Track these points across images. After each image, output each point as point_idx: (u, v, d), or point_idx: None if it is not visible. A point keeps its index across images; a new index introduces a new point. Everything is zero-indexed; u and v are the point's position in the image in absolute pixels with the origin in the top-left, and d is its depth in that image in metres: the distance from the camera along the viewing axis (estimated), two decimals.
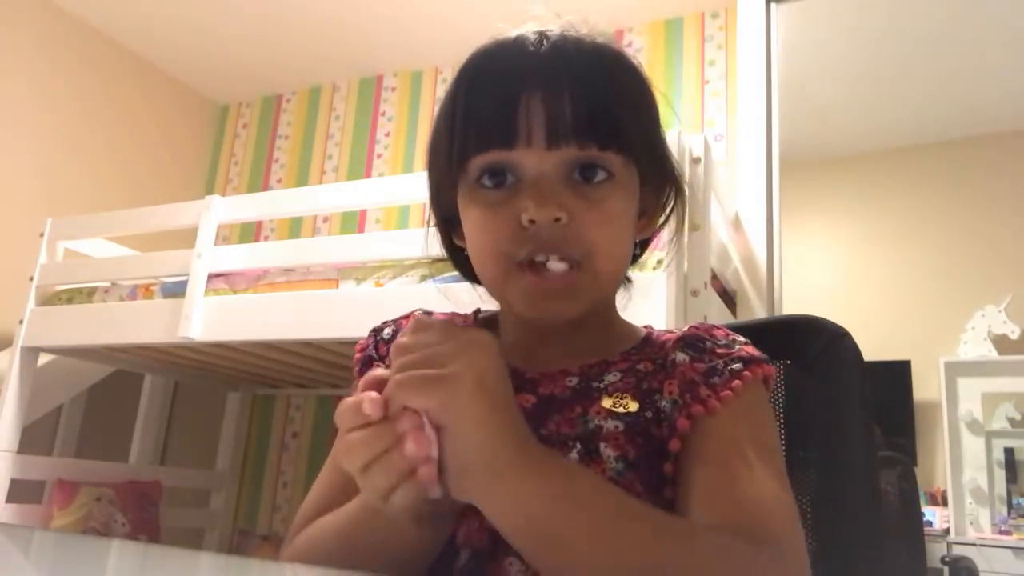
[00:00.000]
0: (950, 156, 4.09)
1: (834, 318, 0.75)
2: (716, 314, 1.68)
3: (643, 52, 2.81)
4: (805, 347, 0.73)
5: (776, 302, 2.27)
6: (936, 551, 3.16)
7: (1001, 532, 3.42)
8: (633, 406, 0.61)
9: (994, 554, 3.31)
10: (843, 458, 0.67)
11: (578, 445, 0.59)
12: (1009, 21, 3.11)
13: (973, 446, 3.65)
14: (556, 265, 0.60)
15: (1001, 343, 3.70)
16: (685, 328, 0.67)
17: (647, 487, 0.58)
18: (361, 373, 0.70)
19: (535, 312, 0.62)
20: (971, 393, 3.69)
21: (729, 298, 2.17)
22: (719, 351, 0.63)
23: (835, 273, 4.21)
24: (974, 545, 3.33)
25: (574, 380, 0.64)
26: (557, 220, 0.59)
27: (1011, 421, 3.66)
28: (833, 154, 4.27)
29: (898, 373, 3.80)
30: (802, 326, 0.76)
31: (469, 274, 0.71)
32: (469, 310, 0.77)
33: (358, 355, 0.73)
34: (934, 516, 3.55)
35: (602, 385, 0.63)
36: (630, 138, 0.62)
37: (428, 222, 0.73)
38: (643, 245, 0.71)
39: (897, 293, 4.01)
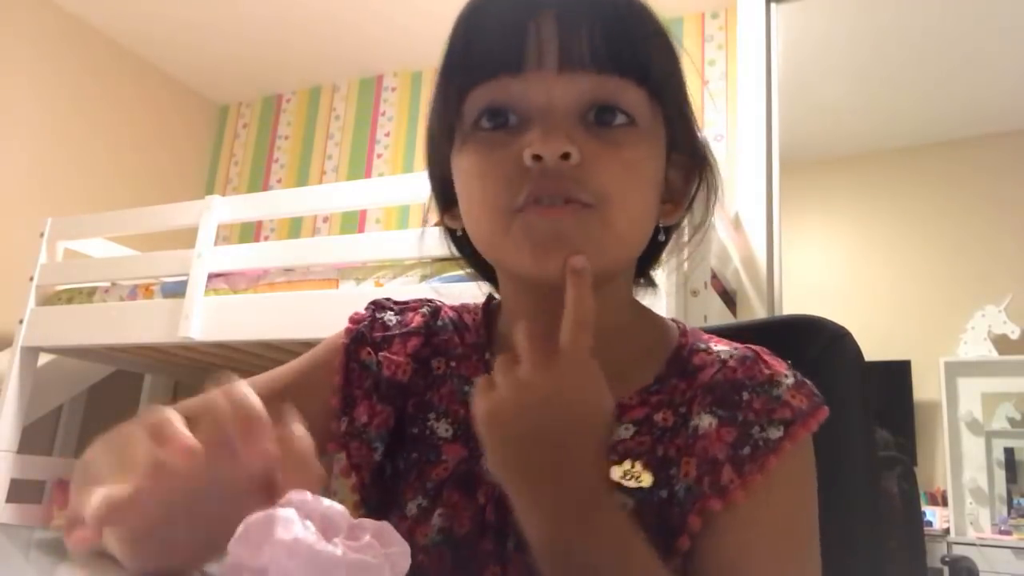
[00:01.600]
0: (950, 156, 4.09)
1: (834, 318, 0.75)
2: (716, 314, 1.68)
3: None
4: (806, 347, 0.73)
5: (776, 302, 2.27)
6: (936, 551, 3.16)
7: (1001, 532, 3.42)
8: (647, 479, 0.52)
9: (994, 554, 3.31)
10: (844, 458, 0.67)
11: None
12: (1009, 21, 3.11)
13: (973, 446, 3.65)
14: (558, 200, 0.50)
15: (1001, 343, 3.70)
16: (727, 355, 0.55)
17: None
18: (348, 351, 0.61)
19: (541, 266, 0.51)
20: (971, 393, 3.69)
21: (729, 298, 2.17)
22: (756, 406, 0.51)
23: (835, 273, 4.21)
24: (974, 545, 3.33)
25: None
26: (566, 157, 0.49)
27: (1011, 421, 3.66)
28: (833, 154, 4.27)
29: (898, 373, 3.79)
30: (803, 326, 0.76)
31: (470, 260, 0.64)
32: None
33: (351, 327, 0.63)
34: (934, 516, 3.55)
35: (612, 441, 0.53)
36: (656, 73, 0.53)
37: (426, 216, 0.65)
38: (667, 234, 0.60)
39: (897, 293, 4.01)
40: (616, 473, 0.52)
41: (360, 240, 2.04)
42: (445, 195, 0.59)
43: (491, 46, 0.52)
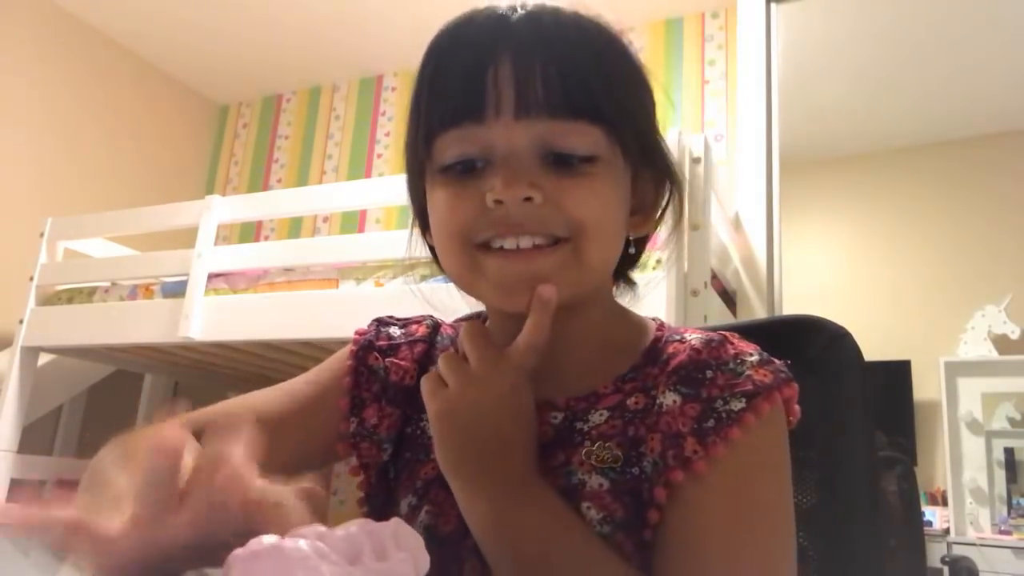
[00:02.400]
0: (950, 156, 4.09)
1: (834, 318, 0.75)
2: (716, 314, 1.68)
3: (643, 52, 2.80)
4: (806, 347, 0.73)
5: (776, 302, 2.27)
6: (936, 551, 3.16)
7: (1001, 532, 3.42)
8: (616, 455, 0.54)
9: (994, 554, 3.31)
10: (844, 458, 0.67)
11: None
12: (1009, 22, 3.11)
13: (973, 446, 3.65)
14: (524, 241, 0.53)
15: (1001, 343, 3.70)
16: (696, 340, 0.57)
17: (638, 548, 0.52)
18: (356, 356, 0.65)
19: (509, 303, 0.54)
20: (971, 393, 3.69)
21: (729, 298, 2.17)
22: (720, 382, 0.53)
23: (835, 273, 4.21)
24: (974, 545, 3.33)
25: (558, 417, 0.57)
26: (528, 200, 0.52)
27: (1011, 421, 3.66)
28: (833, 154, 4.27)
29: (898, 373, 3.79)
30: (802, 326, 0.76)
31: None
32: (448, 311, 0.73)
33: (357, 338, 0.67)
34: (934, 516, 3.55)
35: (586, 427, 0.56)
36: (609, 110, 0.54)
37: (411, 224, 0.67)
38: (639, 245, 0.62)
39: (897, 293, 4.01)
40: (586, 452, 0.54)
41: (360, 240, 2.04)
42: (423, 217, 0.62)
43: (454, 95, 0.55)
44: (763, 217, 2.30)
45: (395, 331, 0.68)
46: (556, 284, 0.53)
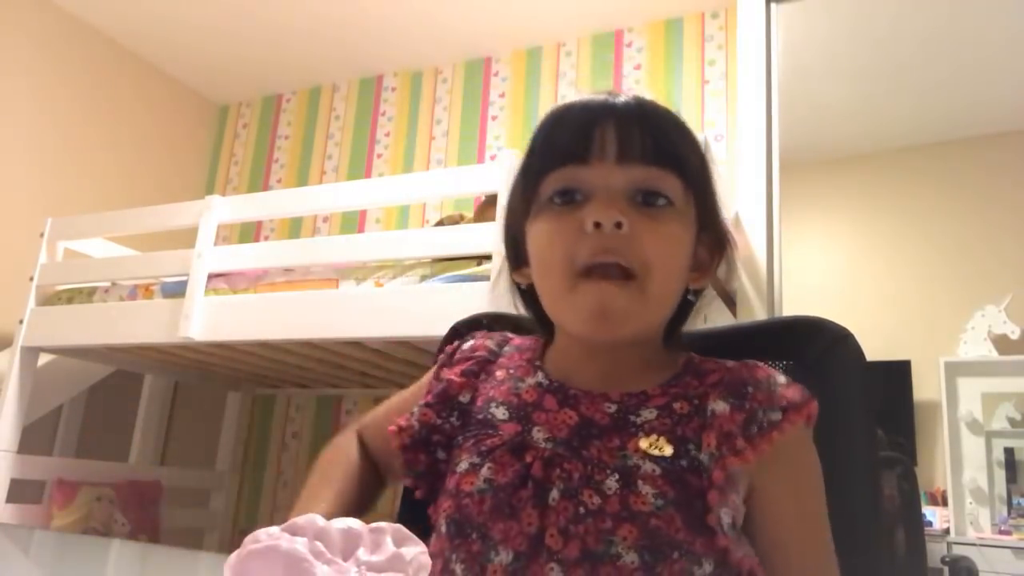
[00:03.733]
0: (950, 156, 4.09)
1: (834, 318, 0.75)
2: (716, 314, 1.69)
3: (643, 52, 2.81)
4: (807, 348, 0.73)
5: (776, 302, 2.27)
6: (936, 551, 3.16)
7: (1001, 532, 3.42)
8: (668, 450, 0.64)
9: (994, 554, 3.31)
10: (845, 459, 0.67)
11: (616, 475, 0.63)
12: (1009, 21, 3.11)
13: (973, 446, 3.64)
14: (610, 259, 0.65)
15: (1001, 343, 3.70)
16: (729, 363, 0.69)
17: (687, 527, 0.61)
18: (438, 370, 0.79)
19: (590, 328, 0.66)
20: (971, 393, 3.69)
21: (729, 298, 2.17)
22: (759, 397, 0.65)
23: (835, 273, 4.20)
24: (974, 545, 3.33)
25: (612, 408, 0.67)
26: (619, 226, 0.64)
27: (1011, 421, 3.66)
28: (833, 154, 4.27)
29: (898, 373, 3.79)
30: (804, 327, 0.76)
31: (529, 309, 0.78)
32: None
33: (442, 355, 0.82)
34: (934, 516, 3.55)
35: (638, 421, 0.66)
36: (690, 168, 0.69)
37: (499, 272, 0.80)
38: (696, 296, 0.75)
39: (897, 293, 4.01)
40: (643, 444, 0.64)
41: (360, 240, 2.03)
42: (516, 255, 0.76)
43: (566, 142, 0.69)
44: (763, 217, 2.30)
45: (467, 344, 0.81)
46: (627, 319, 0.65)
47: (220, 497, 2.87)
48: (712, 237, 0.73)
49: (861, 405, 0.71)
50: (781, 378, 0.67)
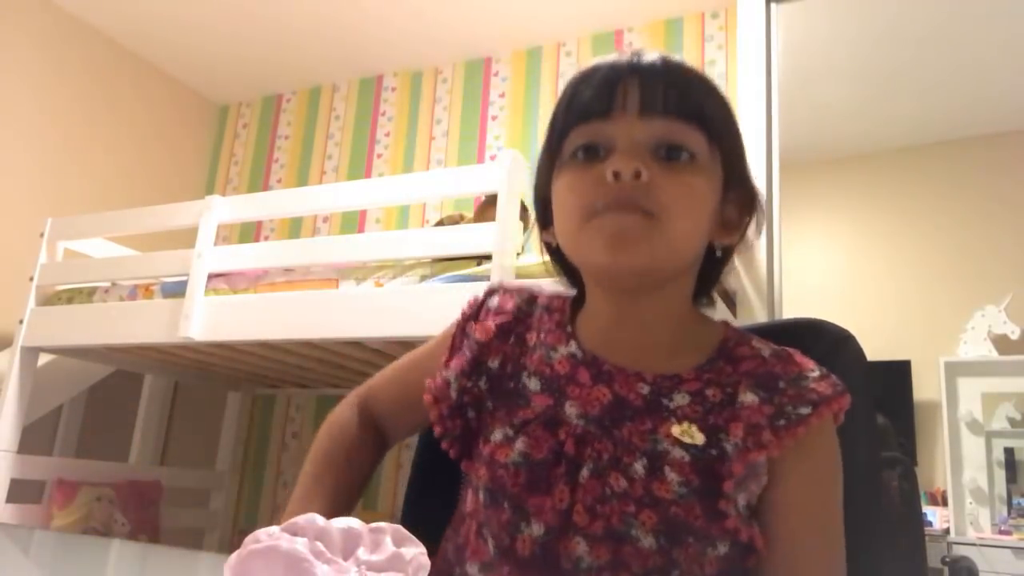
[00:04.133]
0: (950, 156, 4.09)
1: (834, 318, 0.75)
2: (716, 314, 1.68)
3: None
4: (809, 350, 0.73)
5: (776, 302, 2.27)
6: (936, 551, 3.16)
7: (1001, 532, 3.42)
8: (700, 438, 0.65)
9: (994, 554, 3.31)
10: (848, 460, 0.67)
11: (644, 460, 0.64)
12: (1009, 21, 3.11)
13: (973, 446, 3.65)
14: (626, 217, 0.64)
15: (1001, 343, 3.70)
16: (765, 351, 0.69)
17: (706, 515, 0.62)
18: (460, 326, 0.80)
19: (610, 252, 0.65)
20: (971, 393, 3.69)
21: (729, 298, 2.17)
22: (790, 392, 0.65)
23: (835, 273, 4.21)
24: (974, 545, 3.33)
25: (646, 389, 0.68)
26: (638, 176, 0.64)
27: (1011, 421, 3.66)
28: (833, 154, 4.27)
29: (898, 373, 3.79)
30: (806, 329, 0.76)
31: (560, 267, 0.78)
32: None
33: (466, 309, 0.81)
34: (934, 516, 3.55)
35: (671, 406, 0.66)
36: (714, 123, 0.68)
37: (528, 231, 0.84)
38: (725, 254, 0.75)
39: (897, 293, 4.01)
40: (675, 430, 0.65)
41: (360, 240, 2.03)
42: (544, 215, 0.75)
43: (588, 99, 0.69)
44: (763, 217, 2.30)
45: (494, 301, 0.80)
46: (642, 249, 0.64)
47: (220, 497, 2.87)
48: (741, 195, 0.73)
49: (863, 406, 0.70)
50: (815, 371, 0.67)
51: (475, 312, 0.80)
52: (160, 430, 2.98)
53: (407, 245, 1.81)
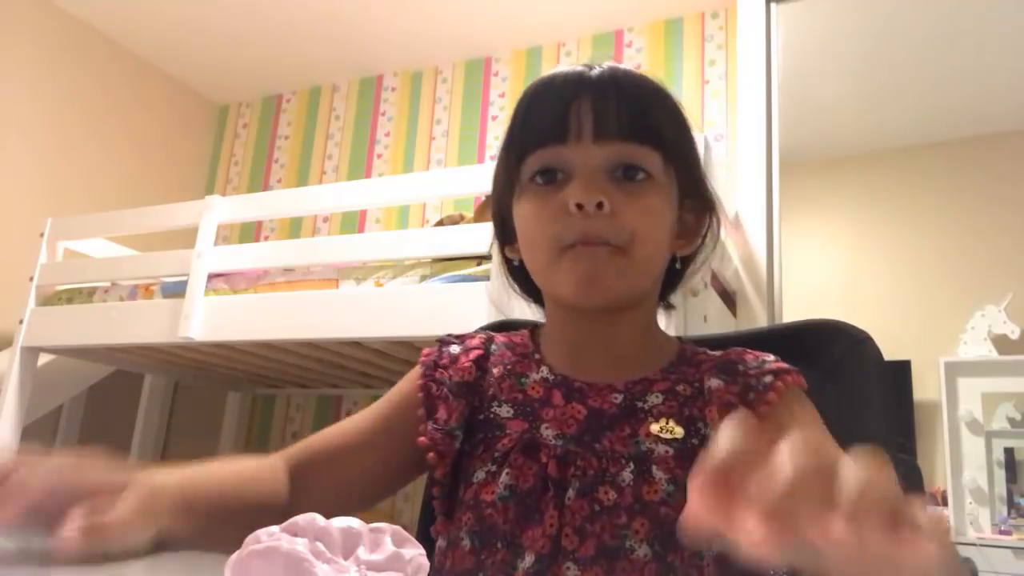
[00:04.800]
0: (950, 156, 4.09)
1: (833, 318, 0.75)
2: (716, 314, 1.68)
3: (643, 52, 2.81)
4: (825, 352, 0.73)
5: (776, 302, 2.27)
6: None
7: (1001, 532, 3.42)
8: (679, 431, 0.66)
9: (994, 554, 3.31)
10: None
11: (631, 464, 0.64)
12: (1009, 21, 3.11)
13: (973, 446, 3.64)
14: (601, 248, 0.65)
15: (1001, 343, 3.70)
16: (718, 352, 0.72)
17: None
18: (426, 376, 0.74)
19: (583, 290, 0.66)
20: (971, 393, 3.69)
21: (729, 298, 2.17)
22: (750, 372, 0.67)
23: (835, 273, 4.20)
24: (974, 545, 3.33)
25: (619, 397, 0.68)
26: (600, 206, 0.64)
27: (1011, 421, 3.65)
28: (833, 154, 4.27)
29: (898, 373, 3.79)
30: (824, 330, 0.76)
31: (521, 284, 0.78)
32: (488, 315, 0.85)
33: (424, 359, 0.77)
34: None
35: (646, 407, 0.67)
36: (668, 141, 0.69)
37: (490, 248, 0.80)
38: (684, 264, 0.75)
39: (897, 293, 4.01)
40: (654, 428, 0.66)
41: (360, 240, 2.03)
42: (504, 232, 0.76)
43: (543, 123, 0.69)
44: (763, 217, 2.30)
45: (455, 348, 0.78)
46: (616, 284, 0.66)
47: None
48: (698, 202, 0.74)
49: (881, 407, 0.70)
50: (769, 356, 0.70)
51: (437, 360, 0.76)
52: (160, 430, 2.98)
53: (407, 245, 1.81)
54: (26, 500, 0.47)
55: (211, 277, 2.01)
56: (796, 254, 3.50)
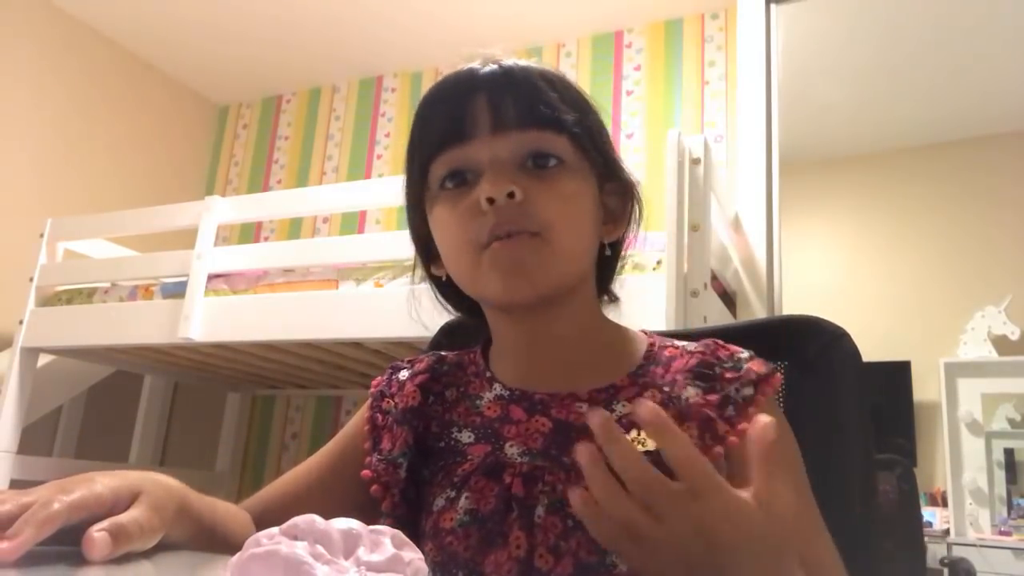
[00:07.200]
0: (950, 156, 4.09)
1: (834, 318, 0.75)
2: (716, 315, 1.68)
3: (643, 53, 2.81)
4: (804, 347, 0.73)
5: (776, 303, 2.27)
6: (936, 552, 3.16)
7: (1001, 533, 3.42)
8: (651, 443, 0.60)
9: (994, 555, 3.31)
10: (839, 458, 0.67)
11: None
12: (1009, 22, 3.11)
13: (973, 447, 3.64)
14: (520, 238, 0.63)
15: (1001, 344, 3.70)
16: (690, 346, 0.68)
17: None
18: (373, 407, 0.74)
19: (510, 284, 0.63)
20: (971, 394, 3.69)
21: (729, 299, 2.17)
22: (728, 376, 0.64)
23: (835, 273, 4.21)
24: (974, 546, 3.33)
25: (584, 407, 0.65)
26: (511, 196, 0.62)
27: (1011, 422, 3.66)
28: (833, 154, 4.27)
29: (898, 373, 3.79)
30: (801, 326, 0.76)
31: (456, 302, 0.75)
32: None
33: (373, 389, 0.76)
34: (934, 517, 3.55)
35: (614, 417, 0.62)
36: (570, 124, 0.66)
37: (412, 273, 0.79)
38: (614, 250, 0.72)
39: (897, 293, 4.01)
40: (635, 442, 0.61)
41: (360, 241, 2.04)
42: (427, 251, 0.74)
43: (440, 125, 0.67)
44: (763, 217, 2.30)
45: (403, 374, 0.76)
46: (538, 272, 0.63)
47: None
48: (618, 186, 0.71)
49: (856, 403, 0.71)
50: (744, 353, 0.67)
51: (385, 389, 0.75)
52: (160, 430, 2.98)
53: (407, 245, 1.81)
54: (55, 523, 0.47)
55: (211, 278, 2.01)
56: (796, 255, 3.50)
